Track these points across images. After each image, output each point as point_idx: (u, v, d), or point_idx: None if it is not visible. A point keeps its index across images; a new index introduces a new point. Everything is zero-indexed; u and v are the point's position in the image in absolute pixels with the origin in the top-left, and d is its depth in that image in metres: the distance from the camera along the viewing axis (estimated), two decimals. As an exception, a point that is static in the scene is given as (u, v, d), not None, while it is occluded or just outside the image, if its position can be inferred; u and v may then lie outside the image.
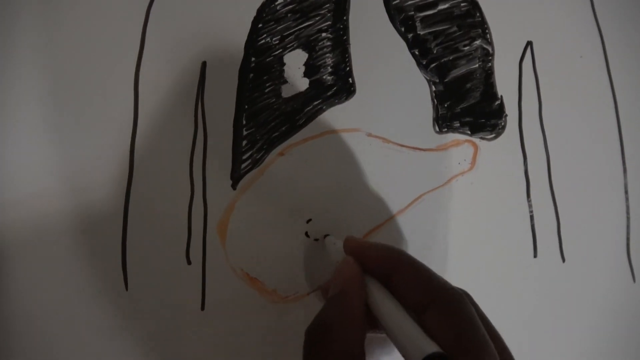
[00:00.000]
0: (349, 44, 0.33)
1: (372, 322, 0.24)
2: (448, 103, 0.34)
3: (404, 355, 0.21)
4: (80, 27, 0.31)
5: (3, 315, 0.28)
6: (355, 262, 0.25)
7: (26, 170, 0.30)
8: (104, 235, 0.30)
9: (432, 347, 0.20)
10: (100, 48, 0.31)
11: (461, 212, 0.33)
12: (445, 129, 0.34)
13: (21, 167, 0.29)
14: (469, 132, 0.34)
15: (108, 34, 0.31)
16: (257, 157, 0.32)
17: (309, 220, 0.31)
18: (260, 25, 0.32)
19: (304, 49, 0.33)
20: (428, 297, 0.22)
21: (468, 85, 0.34)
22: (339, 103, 0.33)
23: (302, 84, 0.32)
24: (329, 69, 0.33)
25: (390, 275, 0.24)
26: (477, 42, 0.35)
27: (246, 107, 0.32)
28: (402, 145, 0.33)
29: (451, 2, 0.35)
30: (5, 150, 0.30)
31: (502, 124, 0.34)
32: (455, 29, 0.35)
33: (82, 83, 0.31)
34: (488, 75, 0.35)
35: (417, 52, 0.34)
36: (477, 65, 0.35)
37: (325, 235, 0.31)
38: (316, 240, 0.31)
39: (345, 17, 0.33)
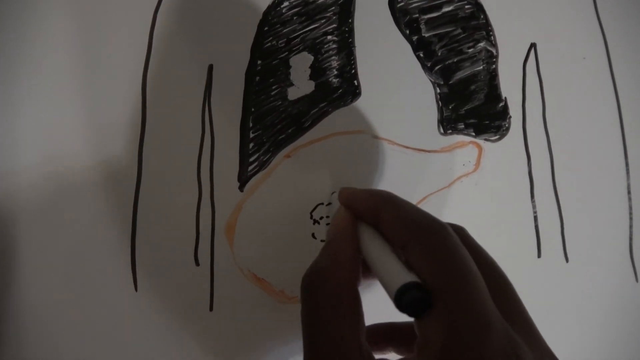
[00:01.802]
0: (354, 46, 0.33)
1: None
2: (453, 105, 0.34)
3: (386, 291, 0.21)
4: (87, 30, 0.31)
5: (11, 316, 0.29)
6: (347, 211, 0.26)
7: (34, 175, 0.30)
8: (113, 237, 0.30)
9: (407, 278, 0.20)
10: (107, 51, 0.31)
11: (466, 213, 0.33)
12: (450, 131, 0.34)
13: (27, 167, 0.30)
14: (473, 134, 0.34)
15: (115, 38, 0.31)
16: (264, 159, 0.32)
17: (315, 222, 0.32)
18: (266, 28, 0.33)
19: (309, 52, 0.33)
20: (409, 233, 0.22)
21: (472, 87, 0.35)
22: (344, 105, 0.33)
23: (308, 86, 0.33)
24: (335, 72, 0.33)
25: (377, 217, 0.24)
26: (482, 44, 0.35)
27: (253, 109, 0.32)
28: (407, 147, 0.33)
29: (455, 5, 0.35)
30: (9, 153, 0.30)
31: (506, 125, 0.35)
32: (459, 31, 0.35)
33: (90, 86, 0.31)
34: (492, 77, 0.35)
35: (421, 55, 0.34)
36: (481, 67, 0.35)
37: (333, 193, 0.32)
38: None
39: (350, 20, 0.34)
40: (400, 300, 0.19)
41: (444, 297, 0.19)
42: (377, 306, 0.25)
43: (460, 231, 0.24)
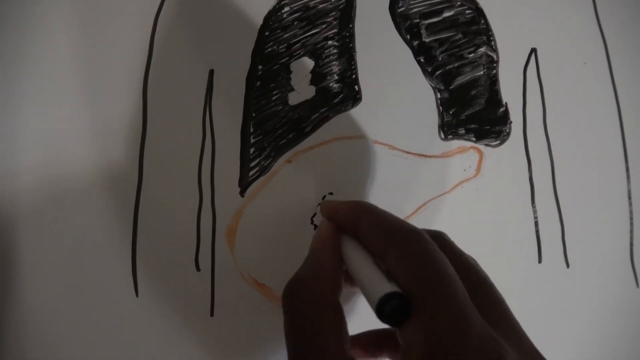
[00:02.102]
0: (355, 51, 0.34)
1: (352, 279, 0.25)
2: (453, 110, 0.34)
3: (368, 302, 0.21)
4: (89, 35, 0.31)
5: (12, 320, 0.29)
6: (329, 222, 0.27)
7: (34, 180, 0.30)
8: (113, 242, 0.30)
9: (387, 288, 0.20)
10: (108, 56, 0.31)
11: (466, 218, 0.33)
12: (451, 136, 0.34)
13: (27, 172, 0.30)
14: (474, 139, 0.34)
15: (116, 43, 0.31)
16: (265, 164, 0.32)
17: (316, 227, 0.32)
18: (267, 33, 0.33)
19: (310, 57, 0.33)
20: (386, 241, 0.22)
21: (473, 92, 0.35)
22: (345, 110, 0.33)
23: (309, 91, 0.33)
24: (336, 77, 0.33)
25: (357, 229, 0.24)
26: (482, 50, 0.35)
27: (253, 114, 0.32)
28: (407, 152, 0.33)
29: (456, 10, 0.35)
30: (12, 159, 0.30)
31: (507, 130, 0.35)
32: (460, 36, 0.35)
33: (91, 90, 0.31)
34: (493, 82, 0.35)
35: (422, 60, 0.34)
36: (482, 73, 0.35)
37: (318, 205, 0.32)
38: (314, 215, 0.32)
39: (351, 25, 0.34)
40: (382, 310, 0.20)
41: (423, 303, 0.19)
42: (366, 314, 0.25)
43: (439, 236, 0.24)
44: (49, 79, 0.31)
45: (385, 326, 0.20)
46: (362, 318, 0.25)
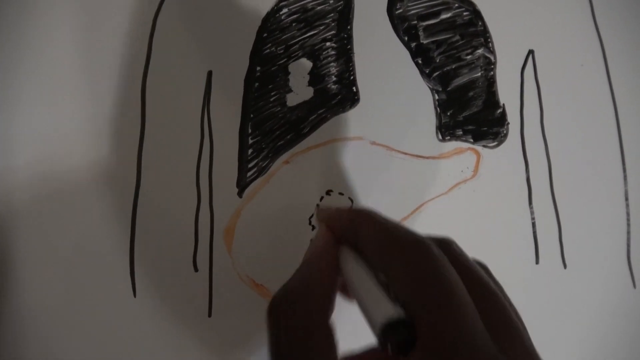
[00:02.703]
0: (353, 53, 0.34)
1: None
2: (451, 111, 0.34)
3: (369, 324, 0.19)
4: (88, 35, 0.32)
5: (9, 321, 0.29)
6: (327, 231, 0.24)
7: (31, 179, 0.30)
8: (112, 243, 0.30)
9: (392, 311, 0.18)
10: (107, 57, 0.31)
11: (464, 219, 0.34)
12: (448, 137, 0.34)
13: (25, 171, 0.30)
14: (471, 140, 0.34)
15: (115, 44, 0.32)
16: (263, 165, 0.32)
17: (313, 228, 0.32)
18: (265, 34, 0.33)
19: (308, 58, 0.33)
20: (389, 253, 0.20)
21: (470, 94, 0.35)
22: (343, 112, 0.33)
23: (307, 92, 0.33)
24: (334, 78, 0.33)
25: (357, 238, 0.22)
26: (480, 51, 0.35)
27: (252, 115, 0.32)
28: (405, 153, 0.33)
29: (454, 12, 0.35)
30: (10, 161, 0.30)
31: (504, 131, 0.35)
32: (457, 38, 0.35)
33: (90, 91, 0.31)
34: (490, 83, 0.35)
35: (420, 61, 0.34)
36: (479, 74, 0.35)
37: (319, 206, 0.32)
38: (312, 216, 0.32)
39: (349, 27, 0.34)
40: (384, 338, 0.18)
41: (428, 325, 0.17)
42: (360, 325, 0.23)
43: (447, 245, 0.22)
44: (48, 79, 0.31)
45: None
46: (355, 329, 0.22)
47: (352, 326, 0.23)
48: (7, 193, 0.29)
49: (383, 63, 0.34)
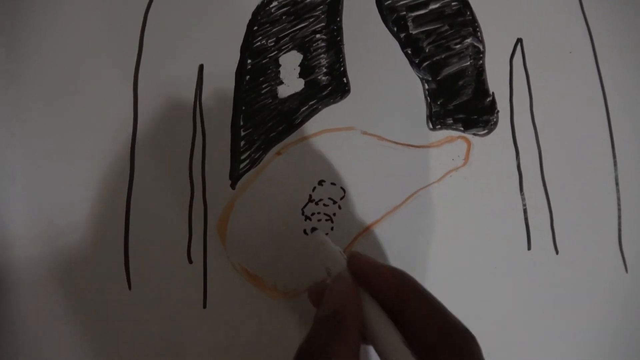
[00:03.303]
0: (343, 44, 0.34)
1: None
2: (441, 100, 0.35)
3: None
4: (79, 31, 0.32)
5: (5, 314, 0.29)
6: (354, 281, 0.23)
7: (27, 169, 0.30)
8: (106, 237, 0.30)
9: None
10: (99, 52, 0.32)
11: (456, 207, 0.34)
12: (439, 126, 0.34)
13: (21, 167, 0.30)
14: (462, 129, 0.35)
15: (106, 39, 0.32)
16: (255, 156, 0.32)
17: (307, 218, 0.32)
18: (255, 27, 0.33)
19: (299, 50, 0.33)
20: (441, 338, 0.21)
21: (460, 83, 0.35)
22: (334, 102, 0.33)
23: (298, 84, 0.33)
24: (324, 69, 0.33)
25: (401, 307, 0.22)
26: (468, 40, 0.35)
27: (243, 108, 0.32)
28: (396, 143, 0.34)
29: (442, 2, 0.35)
30: (6, 151, 0.30)
31: (494, 119, 0.35)
32: (446, 27, 0.35)
33: (83, 86, 0.31)
34: (479, 72, 0.35)
35: (409, 51, 0.35)
36: (468, 63, 0.35)
37: (313, 229, 0.32)
38: (306, 234, 0.32)
39: (338, 18, 0.34)
40: None
41: None
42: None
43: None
44: (40, 75, 0.31)
45: None
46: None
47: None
48: (2, 186, 0.30)
49: (373, 54, 0.34)
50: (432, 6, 0.35)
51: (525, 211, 0.34)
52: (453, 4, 0.36)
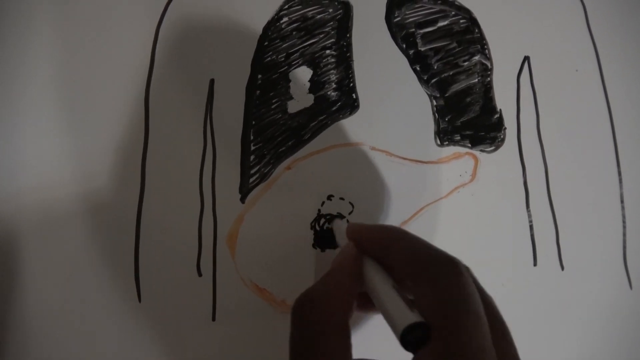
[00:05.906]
0: (352, 60, 0.34)
1: (368, 304, 0.25)
2: (449, 117, 0.35)
3: (391, 328, 0.21)
4: (92, 46, 0.32)
5: (15, 325, 0.29)
6: (354, 246, 0.26)
7: (42, 192, 0.30)
8: (117, 249, 0.30)
9: (413, 318, 0.20)
10: (111, 67, 0.32)
11: (463, 223, 0.34)
12: (447, 142, 0.35)
13: (30, 177, 0.30)
14: (469, 145, 0.35)
15: (119, 53, 0.32)
16: (265, 171, 0.32)
17: (316, 232, 0.32)
18: (266, 43, 0.33)
19: (308, 66, 0.34)
20: (421, 266, 0.22)
21: (468, 100, 0.35)
22: (343, 118, 0.34)
23: (308, 99, 0.33)
24: (334, 85, 0.34)
25: (386, 254, 0.24)
26: (476, 58, 0.36)
27: (253, 122, 0.33)
28: (404, 158, 0.34)
29: (451, 19, 0.36)
30: (21, 175, 0.30)
31: (502, 136, 0.35)
32: (454, 45, 0.36)
33: (95, 101, 0.32)
34: (487, 89, 0.36)
35: (418, 68, 0.35)
36: (476, 80, 0.36)
37: (335, 217, 0.32)
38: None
39: (348, 35, 0.34)
40: (405, 338, 0.20)
41: (444, 335, 0.19)
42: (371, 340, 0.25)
43: (467, 272, 0.23)
44: (56, 88, 0.31)
45: (387, 353, 0.20)
46: (366, 344, 0.24)
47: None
48: (13, 197, 0.30)
49: (382, 70, 0.34)
50: (441, 23, 0.36)
51: (531, 227, 0.35)
52: (461, 21, 0.36)
